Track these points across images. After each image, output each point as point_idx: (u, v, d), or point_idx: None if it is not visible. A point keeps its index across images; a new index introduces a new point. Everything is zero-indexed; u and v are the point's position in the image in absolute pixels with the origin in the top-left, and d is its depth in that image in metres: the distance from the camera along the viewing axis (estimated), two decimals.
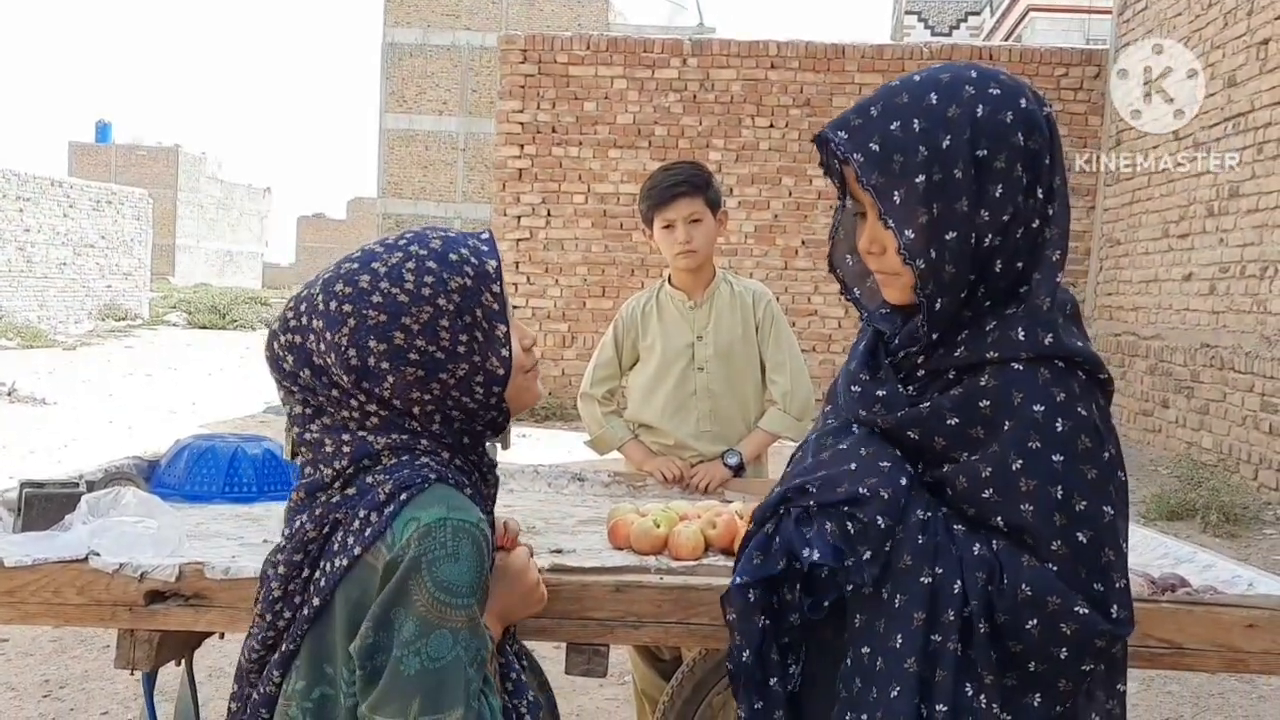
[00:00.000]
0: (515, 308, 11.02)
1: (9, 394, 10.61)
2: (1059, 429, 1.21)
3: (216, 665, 3.71)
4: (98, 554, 1.66)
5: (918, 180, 1.21)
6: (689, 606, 1.67)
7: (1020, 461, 1.21)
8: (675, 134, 10.82)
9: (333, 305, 1.27)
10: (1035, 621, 1.19)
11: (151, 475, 2.34)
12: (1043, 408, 1.21)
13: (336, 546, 1.26)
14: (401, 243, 1.32)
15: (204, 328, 23.27)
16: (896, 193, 1.22)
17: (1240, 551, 5.67)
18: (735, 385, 2.86)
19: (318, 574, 1.27)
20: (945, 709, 1.19)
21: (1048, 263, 1.26)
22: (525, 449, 7.92)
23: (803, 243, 10.79)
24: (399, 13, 26.85)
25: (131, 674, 1.73)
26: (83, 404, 10.63)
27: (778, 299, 2.98)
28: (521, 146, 10.95)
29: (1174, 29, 8.93)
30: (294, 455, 1.45)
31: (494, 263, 1.33)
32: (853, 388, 1.36)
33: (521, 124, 10.94)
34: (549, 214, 10.96)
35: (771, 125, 10.78)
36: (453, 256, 1.30)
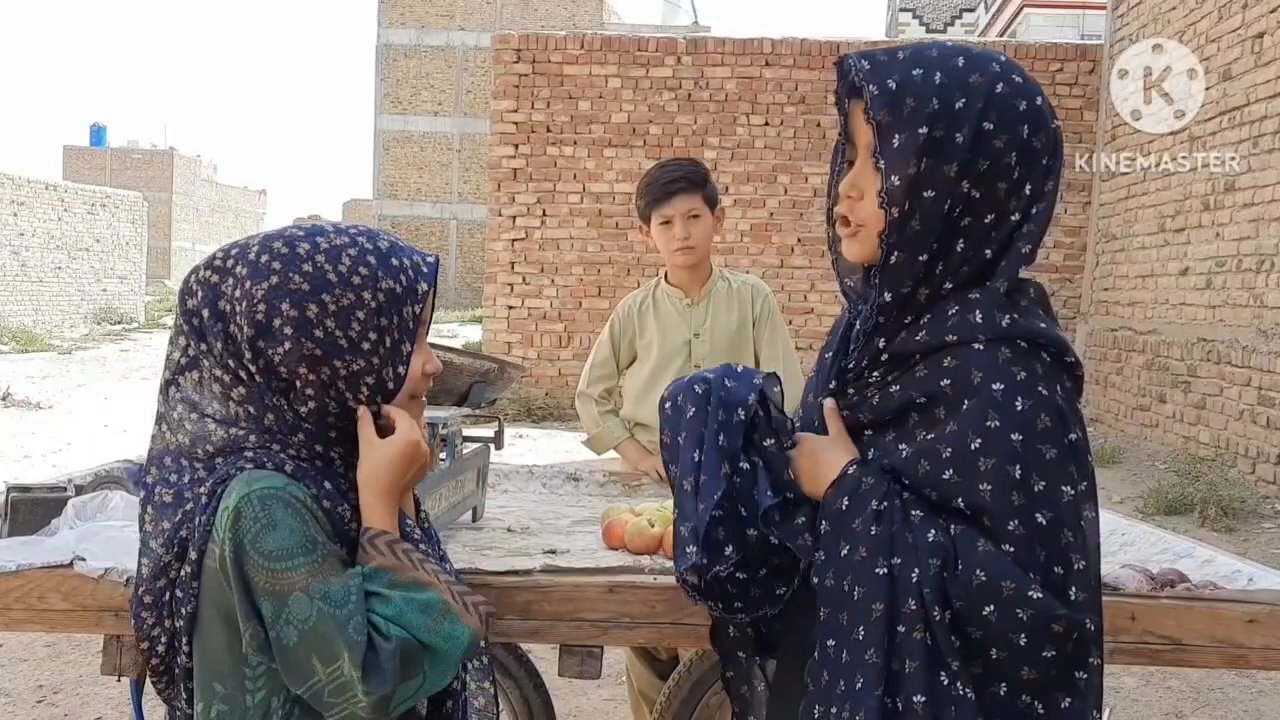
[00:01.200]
0: (510, 308, 11.03)
1: (4, 398, 10.58)
2: (1019, 408, 1.20)
3: None
4: (83, 559, 1.64)
5: (920, 130, 1.22)
6: (683, 607, 1.65)
7: (979, 440, 1.20)
8: (670, 132, 10.81)
9: (263, 259, 1.28)
10: (992, 608, 1.18)
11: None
12: (1002, 386, 1.21)
13: (185, 561, 1.27)
14: (353, 231, 1.33)
15: None
16: (897, 136, 1.23)
17: (1238, 545, 5.66)
18: None
19: (177, 592, 1.28)
20: (922, 699, 1.18)
21: (1016, 253, 1.26)
22: (521, 449, 7.92)
23: (799, 240, 10.78)
24: (393, 13, 26.84)
25: (119, 680, 1.70)
26: (78, 408, 10.60)
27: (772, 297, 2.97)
28: (516, 146, 10.93)
29: (1168, 23, 8.93)
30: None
31: (424, 286, 1.33)
32: (825, 356, 1.39)
33: (516, 123, 10.93)
34: (544, 213, 10.94)
35: (767, 123, 10.76)
36: (394, 261, 1.31)
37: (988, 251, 1.25)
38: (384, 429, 1.32)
